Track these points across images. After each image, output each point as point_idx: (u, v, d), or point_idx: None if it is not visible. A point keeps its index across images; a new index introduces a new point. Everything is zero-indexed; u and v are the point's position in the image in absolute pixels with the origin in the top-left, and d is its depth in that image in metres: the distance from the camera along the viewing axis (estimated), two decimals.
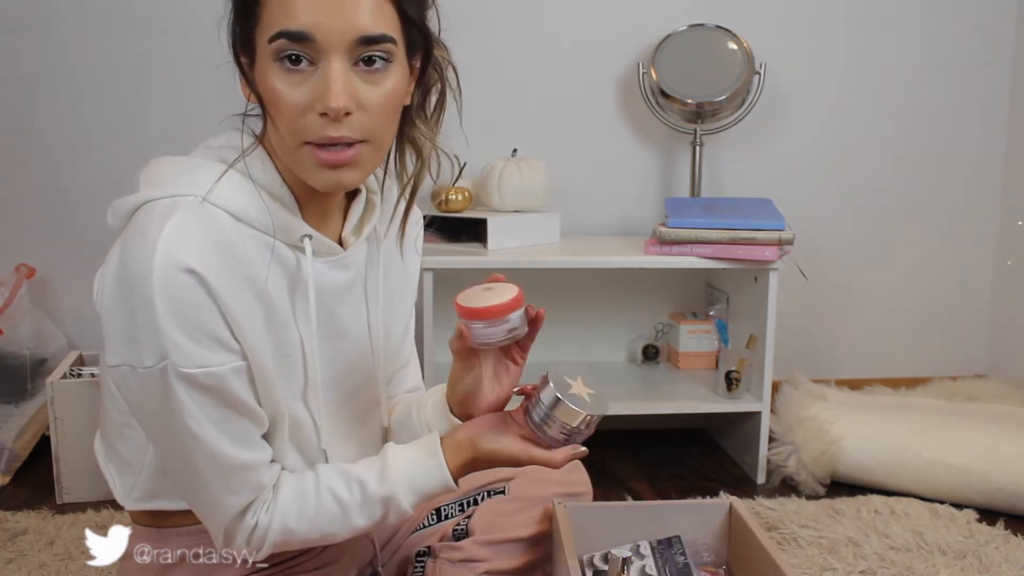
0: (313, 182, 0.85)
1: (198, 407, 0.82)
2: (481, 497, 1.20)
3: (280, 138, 0.84)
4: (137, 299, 0.78)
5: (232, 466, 0.86)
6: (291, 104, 0.81)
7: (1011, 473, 1.74)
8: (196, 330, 0.80)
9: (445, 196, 1.90)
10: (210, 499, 0.87)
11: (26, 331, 1.99)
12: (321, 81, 0.79)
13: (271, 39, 0.79)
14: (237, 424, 0.86)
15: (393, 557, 1.18)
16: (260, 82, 0.83)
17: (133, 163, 2.10)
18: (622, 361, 2.25)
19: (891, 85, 2.32)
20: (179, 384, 0.80)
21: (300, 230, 0.89)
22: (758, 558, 1.10)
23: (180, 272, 0.78)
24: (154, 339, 0.78)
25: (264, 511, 0.89)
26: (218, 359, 0.82)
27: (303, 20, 0.78)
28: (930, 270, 2.42)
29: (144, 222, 0.81)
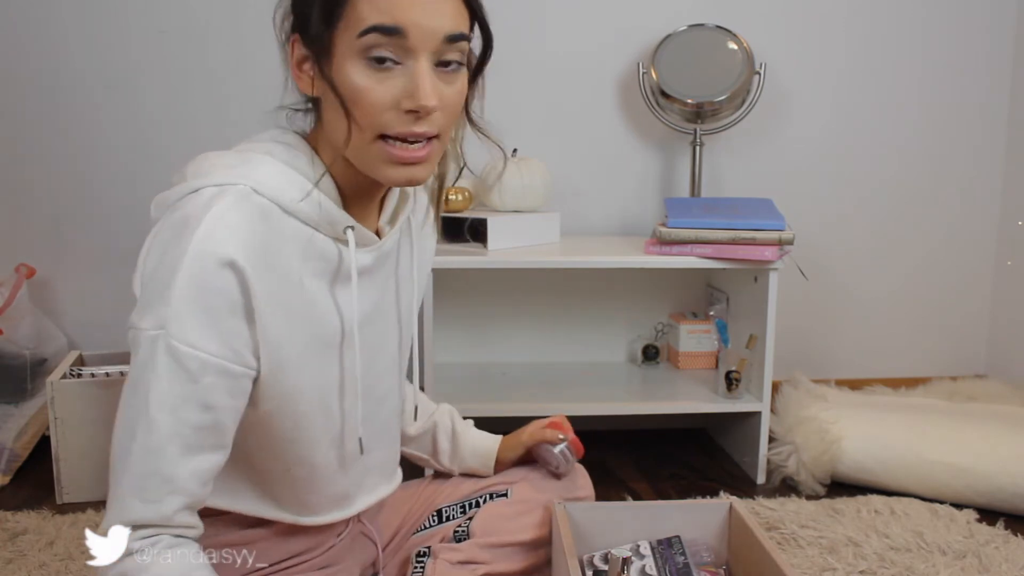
0: (385, 177, 0.87)
1: (169, 390, 0.79)
2: (483, 499, 1.20)
3: (344, 133, 0.85)
4: (166, 268, 0.79)
5: (160, 471, 0.80)
6: (376, 100, 0.82)
7: (1011, 473, 1.74)
8: (206, 315, 0.79)
9: (445, 196, 1.89)
10: (119, 491, 0.80)
11: (26, 331, 1.99)
12: (410, 79, 0.82)
13: (362, 33, 0.80)
14: (198, 435, 0.81)
15: (394, 558, 1.18)
16: (338, 78, 0.83)
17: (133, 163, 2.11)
18: (622, 361, 2.25)
19: (891, 85, 2.32)
20: (163, 357, 0.78)
21: (344, 222, 0.90)
22: (758, 558, 1.10)
23: (217, 261, 0.79)
24: (160, 308, 0.78)
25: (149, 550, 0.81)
26: (213, 348, 0.80)
27: (397, 16, 0.80)
28: (930, 270, 2.42)
29: (191, 207, 0.82)
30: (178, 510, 0.82)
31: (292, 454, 0.94)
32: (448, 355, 2.18)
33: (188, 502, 0.83)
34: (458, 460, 1.25)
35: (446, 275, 1.87)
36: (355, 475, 1.03)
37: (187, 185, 0.85)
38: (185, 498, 0.82)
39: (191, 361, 0.79)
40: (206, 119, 2.09)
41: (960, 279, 2.44)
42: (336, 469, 1.00)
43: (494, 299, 2.20)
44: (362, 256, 0.94)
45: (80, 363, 1.95)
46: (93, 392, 1.74)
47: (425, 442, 1.26)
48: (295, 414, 0.91)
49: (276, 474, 0.96)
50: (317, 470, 0.97)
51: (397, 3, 0.80)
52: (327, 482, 1.00)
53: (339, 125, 0.85)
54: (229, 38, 2.08)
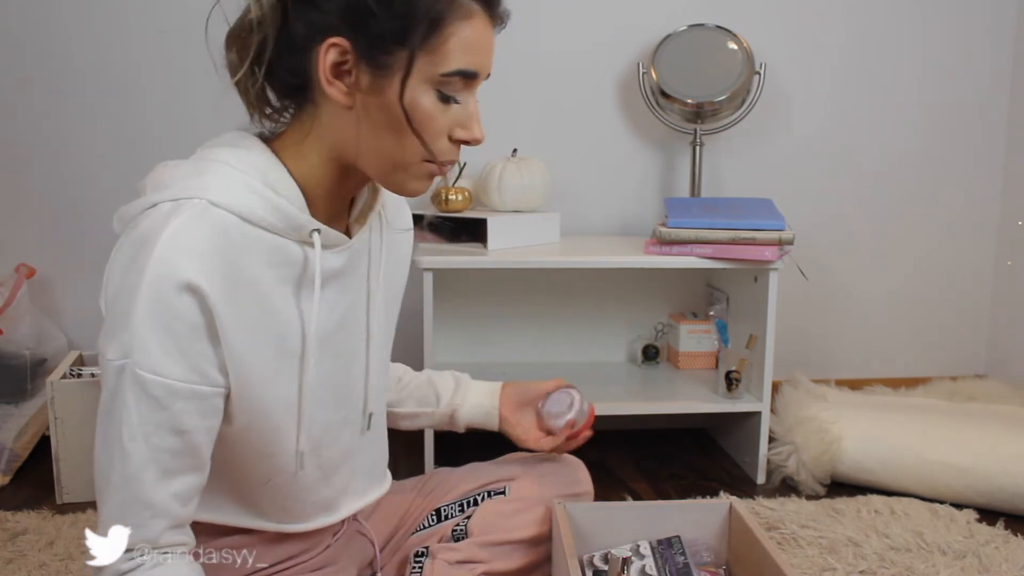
0: (409, 189, 0.90)
1: (139, 420, 0.78)
2: (481, 498, 1.20)
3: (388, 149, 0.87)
4: (125, 294, 0.78)
5: (140, 498, 0.80)
6: (439, 128, 0.87)
7: (1011, 473, 1.74)
8: (169, 339, 0.78)
9: (445, 196, 1.90)
10: (104, 517, 0.82)
11: (26, 331, 1.99)
12: (465, 114, 0.88)
13: (449, 74, 0.84)
14: (174, 459, 0.81)
15: (393, 558, 1.18)
16: (410, 101, 0.84)
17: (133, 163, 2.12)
18: (622, 361, 2.25)
19: (891, 85, 2.32)
20: (131, 387, 0.78)
21: (309, 225, 0.88)
22: (758, 558, 1.10)
23: (175, 286, 0.77)
24: (124, 335, 0.77)
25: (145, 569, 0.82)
26: (179, 373, 0.79)
27: (478, 63, 0.86)
28: (930, 270, 2.42)
29: (147, 225, 0.81)
30: (163, 531, 0.82)
31: (270, 467, 0.93)
32: (448, 355, 2.18)
33: (172, 523, 0.83)
34: (461, 393, 1.23)
35: (446, 275, 1.87)
36: (339, 481, 1.02)
37: (145, 199, 0.84)
38: (168, 520, 0.82)
39: (158, 389, 0.78)
40: (206, 119, 2.08)
41: (960, 279, 2.44)
42: (318, 478, 0.99)
43: (494, 299, 2.20)
44: (332, 258, 0.92)
45: (80, 363, 1.95)
46: (93, 392, 1.74)
47: (425, 392, 1.23)
48: (268, 428, 0.90)
49: (256, 486, 0.96)
50: (298, 480, 0.96)
51: (481, 51, 0.86)
52: (310, 491, 0.99)
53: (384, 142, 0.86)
54: None
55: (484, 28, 0.85)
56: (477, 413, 1.23)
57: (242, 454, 0.91)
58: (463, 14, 0.83)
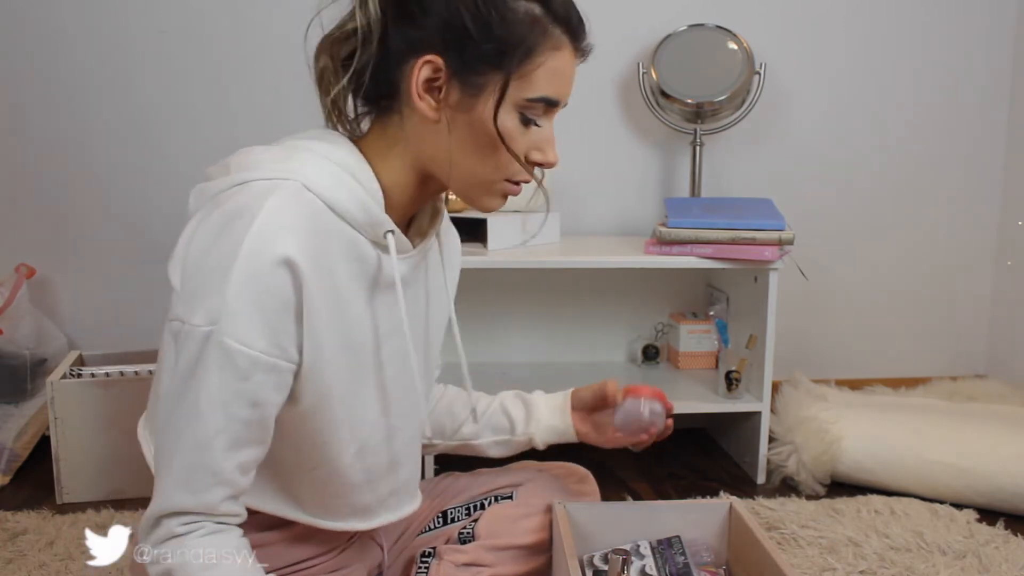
0: (485, 205, 0.95)
1: (219, 388, 0.80)
2: (488, 502, 1.20)
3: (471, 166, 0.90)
4: (220, 263, 0.79)
5: (208, 464, 0.82)
6: (515, 148, 0.90)
7: (1011, 473, 1.74)
8: (259, 313, 0.80)
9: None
10: (166, 481, 0.83)
11: (26, 331, 1.99)
12: (543, 138, 0.92)
13: (534, 99, 0.88)
14: (245, 430, 0.83)
15: (399, 559, 1.18)
16: (489, 120, 0.87)
17: (133, 163, 2.11)
18: (622, 361, 2.25)
19: (891, 85, 2.32)
20: (215, 354, 0.79)
21: (386, 225, 0.90)
22: (758, 558, 1.10)
23: (272, 260, 0.79)
24: (214, 302, 0.79)
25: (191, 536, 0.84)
26: (264, 346, 0.81)
27: (561, 92, 0.91)
28: (930, 270, 2.42)
29: (242, 200, 0.82)
30: (223, 500, 0.84)
31: (319, 456, 0.94)
32: (448, 355, 2.18)
33: (232, 492, 0.85)
34: (534, 421, 1.22)
35: None
36: (381, 491, 1.02)
37: (233, 177, 0.85)
38: (230, 489, 0.84)
39: (242, 359, 0.80)
40: (206, 119, 2.09)
41: (960, 279, 2.44)
42: (362, 481, 0.99)
43: (494, 299, 2.20)
44: (400, 264, 0.94)
45: (80, 363, 1.95)
46: (93, 392, 1.75)
47: (499, 420, 1.23)
48: (326, 416, 0.91)
49: (301, 475, 0.95)
50: (342, 477, 0.96)
51: (564, 79, 0.90)
52: (351, 491, 0.99)
53: (468, 158, 0.89)
54: (229, 38, 2.08)
55: (569, 59, 0.91)
56: (552, 436, 1.23)
57: (296, 438, 0.92)
58: (553, 44, 0.88)
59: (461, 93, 0.86)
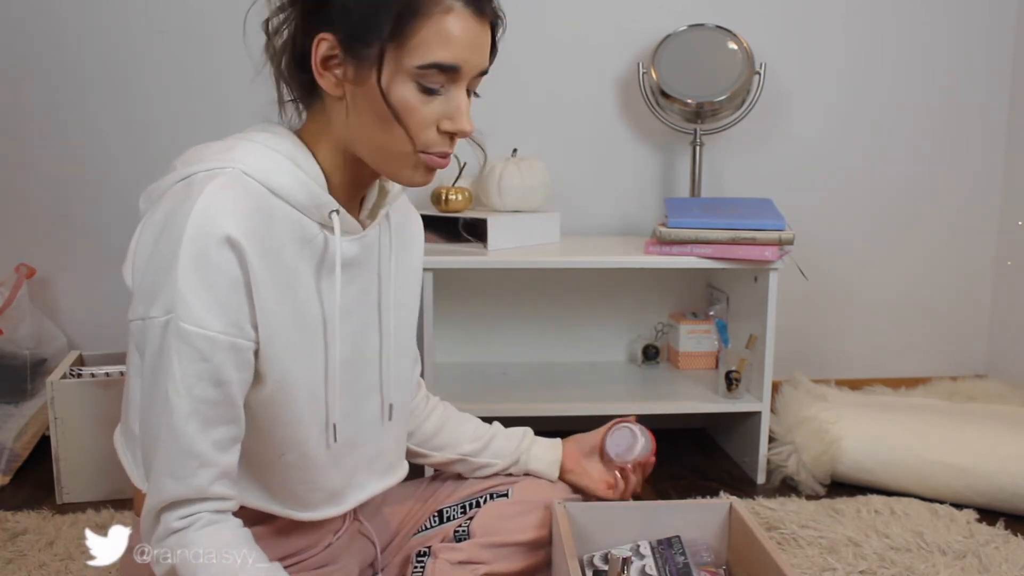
0: (407, 179, 0.93)
1: (182, 373, 0.82)
2: (483, 500, 1.20)
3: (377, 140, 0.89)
4: (166, 254, 0.81)
5: (186, 449, 0.84)
6: (422, 119, 0.89)
7: (1011, 473, 1.74)
8: (210, 293, 0.82)
9: (445, 196, 1.90)
10: (155, 475, 0.86)
11: (26, 331, 2.00)
12: (449, 104, 0.89)
13: (423, 66, 0.86)
14: (213, 409, 0.85)
15: (395, 558, 1.18)
16: (384, 92, 0.87)
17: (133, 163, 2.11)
18: (622, 361, 2.25)
19: (891, 85, 2.32)
20: (175, 341, 0.82)
21: (330, 205, 0.92)
22: (758, 558, 1.10)
23: (215, 239, 0.81)
24: (168, 291, 0.81)
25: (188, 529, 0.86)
26: (220, 326, 0.83)
27: (457, 55, 0.87)
28: (930, 270, 2.42)
29: (184, 189, 0.85)
30: (210, 481, 0.86)
31: (285, 438, 0.95)
32: (448, 355, 2.18)
33: (217, 472, 0.87)
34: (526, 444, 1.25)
35: (446, 275, 1.87)
36: (345, 469, 1.03)
37: (176, 174, 0.88)
38: (214, 469, 0.86)
39: (201, 341, 0.82)
40: (206, 119, 2.09)
41: (960, 279, 2.44)
42: (326, 461, 0.99)
43: (494, 299, 2.20)
44: (347, 245, 0.96)
45: (80, 363, 1.95)
46: (93, 392, 1.75)
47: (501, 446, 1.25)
48: (288, 395, 0.92)
49: (272, 463, 0.96)
50: (308, 459, 0.97)
51: (459, 43, 0.86)
52: (318, 473, 0.99)
53: (372, 132, 0.89)
54: (229, 38, 2.07)
55: (466, 22, 0.87)
56: (540, 464, 1.25)
57: (264, 423, 0.93)
58: (442, 8, 0.85)
59: (355, 67, 0.87)
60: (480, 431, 1.25)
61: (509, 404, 1.87)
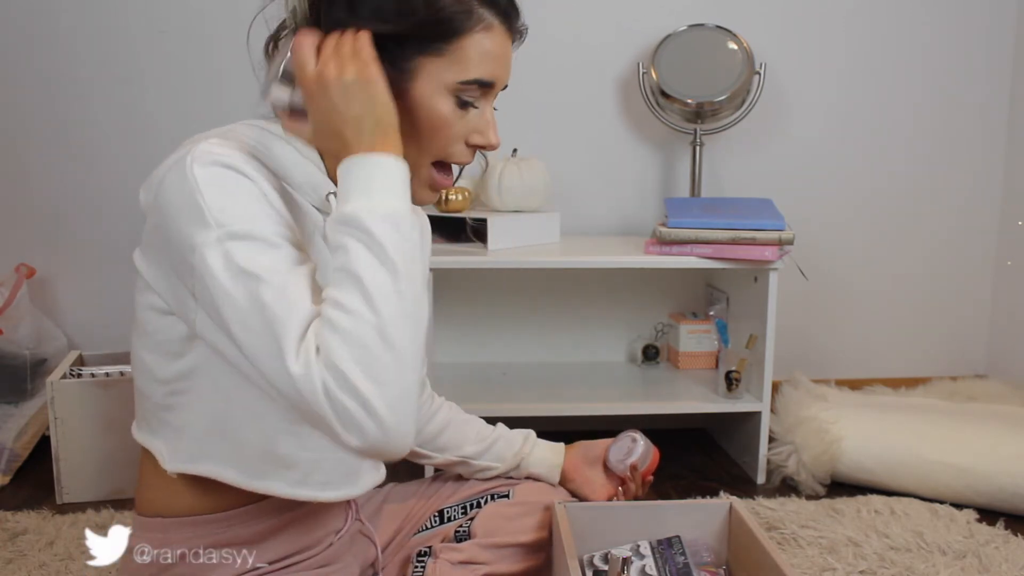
0: (416, 199, 0.92)
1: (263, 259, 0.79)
2: (484, 500, 1.20)
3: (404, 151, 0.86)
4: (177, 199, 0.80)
5: (302, 272, 0.81)
6: (455, 133, 0.91)
7: (1011, 473, 1.74)
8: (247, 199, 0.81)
9: (445, 196, 1.90)
10: (278, 327, 0.77)
11: (26, 331, 2.00)
12: (483, 121, 0.92)
13: (466, 82, 0.88)
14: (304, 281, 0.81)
15: (395, 558, 1.18)
16: (422, 103, 0.88)
17: (133, 163, 2.11)
18: (622, 361, 2.25)
19: (891, 85, 2.32)
20: (239, 244, 0.79)
21: (327, 187, 0.91)
22: (758, 558, 1.10)
23: (225, 166, 0.81)
24: (201, 216, 0.79)
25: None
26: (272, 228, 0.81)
27: (495, 73, 0.90)
28: (930, 270, 2.42)
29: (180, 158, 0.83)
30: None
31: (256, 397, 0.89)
32: (448, 355, 2.18)
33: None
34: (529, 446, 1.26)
35: (446, 275, 1.87)
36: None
37: (171, 158, 0.85)
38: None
39: (261, 232, 0.80)
40: (206, 119, 2.08)
41: (960, 279, 2.44)
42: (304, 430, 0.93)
43: (494, 299, 2.20)
44: None
45: (80, 363, 1.95)
46: (93, 392, 1.75)
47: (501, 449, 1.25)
48: None
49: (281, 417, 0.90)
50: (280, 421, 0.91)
51: (496, 60, 0.90)
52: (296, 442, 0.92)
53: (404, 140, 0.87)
54: (229, 38, 2.07)
55: (502, 40, 0.90)
56: (541, 468, 1.25)
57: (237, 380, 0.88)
58: (483, 26, 0.88)
59: (392, 79, 0.86)
60: (483, 433, 1.25)
61: (509, 404, 1.87)
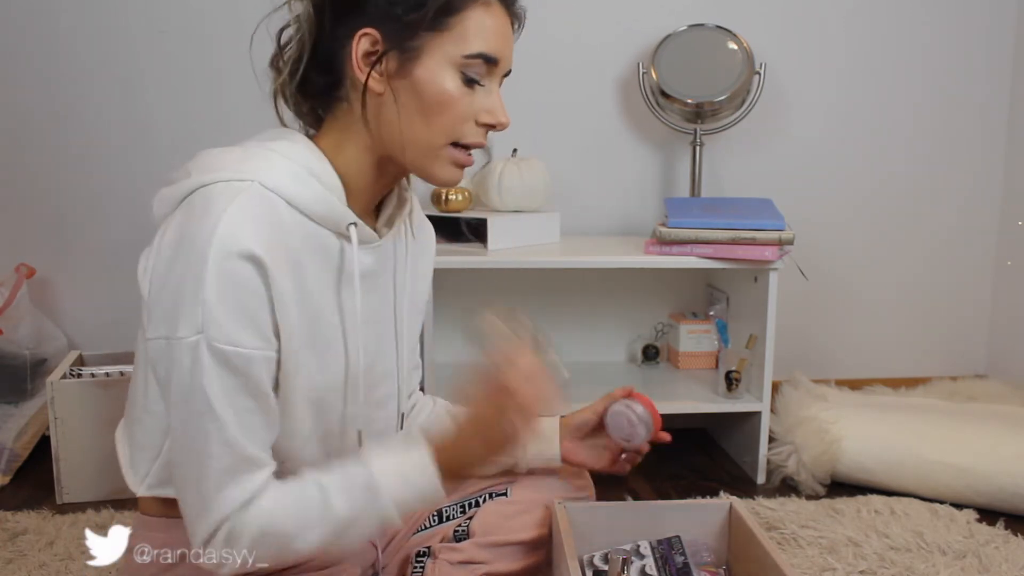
0: (442, 178, 0.94)
1: (223, 389, 0.83)
2: (483, 499, 1.20)
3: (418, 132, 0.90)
4: (189, 273, 0.81)
5: (243, 456, 0.85)
6: (463, 111, 0.91)
7: (1011, 473, 1.74)
8: (239, 311, 0.82)
9: (445, 196, 1.90)
10: (208, 488, 0.85)
11: (26, 331, 2.00)
12: (489, 98, 0.93)
13: (471, 56, 0.89)
14: (255, 418, 0.86)
15: (394, 558, 1.18)
16: (429, 82, 0.89)
17: (133, 163, 2.11)
18: (622, 361, 2.25)
19: (891, 85, 2.32)
20: (210, 359, 0.82)
21: (347, 218, 0.92)
22: (758, 558, 1.10)
23: (239, 256, 0.81)
24: (195, 311, 0.81)
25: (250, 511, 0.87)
26: (252, 343, 0.84)
27: (498, 48, 0.91)
28: (930, 270, 2.42)
29: (203, 203, 0.84)
30: (267, 478, 0.88)
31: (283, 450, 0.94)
32: (448, 355, 2.18)
33: (270, 470, 0.88)
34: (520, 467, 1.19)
35: (446, 275, 1.87)
36: None
37: (193, 180, 0.87)
38: (268, 468, 0.88)
39: (237, 359, 0.83)
40: (206, 119, 2.09)
41: (960, 279, 2.44)
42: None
43: (494, 299, 2.20)
44: (364, 255, 0.95)
45: (80, 363, 1.95)
46: (93, 392, 1.75)
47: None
48: (290, 405, 0.92)
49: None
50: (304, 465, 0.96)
51: (497, 36, 0.91)
52: None
53: (414, 124, 0.90)
54: (229, 38, 2.08)
55: (501, 18, 0.92)
56: (538, 461, 1.19)
57: None
58: (482, 1, 0.89)
59: (400, 60, 0.89)
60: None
61: None
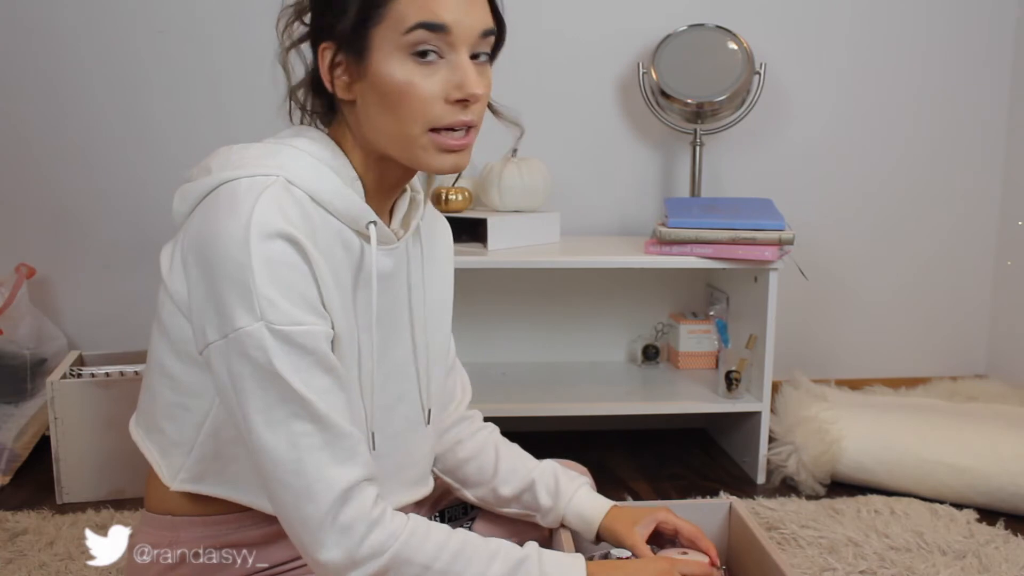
0: (434, 166, 0.90)
1: (296, 368, 0.82)
2: None
3: (391, 128, 0.88)
4: (233, 265, 0.81)
5: (337, 432, 0.84)
6: (423, 94, 0.86)
7: (1011, 473, 1.74)
8: (290, 290, 0.82)
9: (445, 196, 1.90)
10: (312, 475, 0.83)
11: (26, 331, 1.99)
12: (454, 71, 0.86)
13: (408, 30, 0.84)
14: (336, 396, 0.85)
15: None
16: (380, 75, 0.86)
17: (133, 163, 2.11)
18: (622, 361, 2.25)
19: (891, 85, 2.32)
20: (275, 343, 0.81)
21: (367, 216, 0.92)
22: (758, 558, 1.10)
23: (279, 236, 0.81)
24: (249, 300, 0.80)
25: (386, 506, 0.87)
26: (310, 319, 0.83)
27: (440, 13, 0.84)
28: (930, 270, 2.42)
29: (230, 198, 0.84)
30: (366, 453, 0.87)
31: None
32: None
33: (363, 443, 0.87)
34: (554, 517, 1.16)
35: None
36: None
37: (216, 177, 0.87)
38: (362, 441, 0.87)
39: (302, 337, 0.82)
40: (206, 119, 2.09)
41: (960, 279, 2.44)
42: None
43: (494, 299, 2.20)
44: (382, 257, 0.95)
45: (80, 363, 1.95)
46: (93, 392, 1.75)
47: (527, 500, 1.16)
48: None
49: None
50: None
51: (439, 1, 0.84)
52: None
53: (384, 121, 0.88)
54: (229, 38, 2.08)
55: None
56: (577, 522, 1.15)
57: None
58: None
59: (355, 62, 0.88)
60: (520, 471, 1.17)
61: (509, 404, 1.87)
